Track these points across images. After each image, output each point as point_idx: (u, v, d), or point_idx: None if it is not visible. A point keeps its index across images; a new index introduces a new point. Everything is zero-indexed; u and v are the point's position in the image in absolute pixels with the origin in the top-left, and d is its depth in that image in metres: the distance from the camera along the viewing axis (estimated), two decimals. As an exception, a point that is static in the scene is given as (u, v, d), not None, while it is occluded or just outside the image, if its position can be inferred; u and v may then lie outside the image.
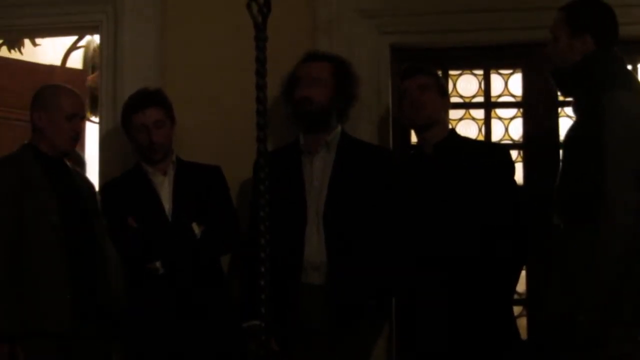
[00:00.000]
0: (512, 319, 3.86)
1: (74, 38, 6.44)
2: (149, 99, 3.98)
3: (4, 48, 6.14)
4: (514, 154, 4.25)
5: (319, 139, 3.89)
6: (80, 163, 4.83)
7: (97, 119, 5.06)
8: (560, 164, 3.54)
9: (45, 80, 4.85)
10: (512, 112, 4.55)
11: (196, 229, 3.87)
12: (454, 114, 4.41)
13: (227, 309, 3.91)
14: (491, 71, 4.50)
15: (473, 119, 4.57)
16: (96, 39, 5.50)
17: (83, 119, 3.92)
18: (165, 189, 3.95)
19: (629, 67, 4.35)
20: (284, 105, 3.98)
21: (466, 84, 4.55)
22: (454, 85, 4.53)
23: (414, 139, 4.36)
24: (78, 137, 3.89)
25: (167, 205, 3.92)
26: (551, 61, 3.60)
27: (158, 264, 3.81)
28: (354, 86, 3.98)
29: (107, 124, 4.45)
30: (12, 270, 3.63)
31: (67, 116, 3.81)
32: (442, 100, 3.88)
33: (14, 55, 6.16)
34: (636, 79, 3.57)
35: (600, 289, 3.20)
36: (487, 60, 4.46)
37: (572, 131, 3.51)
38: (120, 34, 4.43)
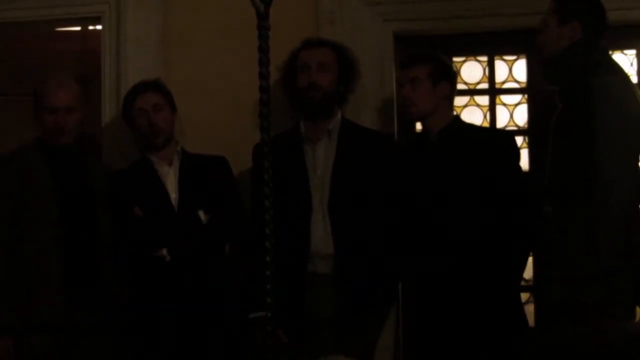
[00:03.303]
0: (520, 305, 3.85)
1: (76, 29, 6.43)
2: (146, 85, 4.02)
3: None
4: (519, 140, 4.23)
5: (320, 126, 3.87)
6: None
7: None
8: (549, 151, 3.56)
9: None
10: (517, 98, 4.54)
11: (202, 216, 3.87)
12: (458, 100, 4.40)
13: (234, 297, 3.90)
14: (495, 57, 4.50)
15: (478, 105, 4.56)
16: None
17: (71, 111, 3.86)
18: (170, 178, 3.95)
19: (633, 51, 4.38)
20: (284, 92, 3.95)
21: (470, 71, 4.54)
22: (458, 71, 4.52)
23: (419, 127, 4.35)
24: (62, 130, 3.84)
25: (173, 194, 3.92)
26: (542, 51, 3.64)
27: (164, 251, 3.82)
28: (356, 72, 3.97)
29: (110, 114, 4.45)
30: (10, 264, 3.67)
31: (47, 109, 3.83)
32: (436, 89, 3.80)
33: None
34: (620, 66, 3.61)
35: (599, 271, 3.22)
36: (491, 46, 4.46)
37: (558, 118, 3.53)
38: (123, 25, 4.43)
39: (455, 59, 4.50)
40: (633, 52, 4.40)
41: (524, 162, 4.16)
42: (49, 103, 3.84)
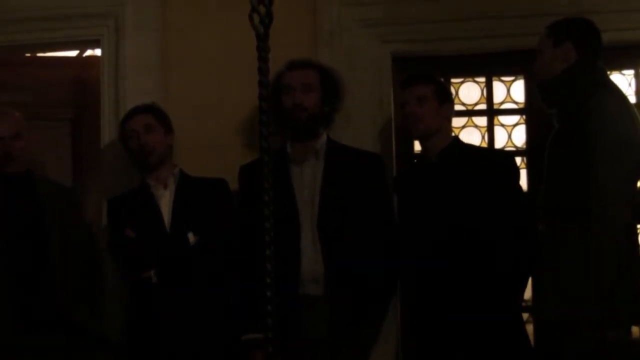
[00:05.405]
0: (522, 324, 3.84)
1: (75, 52, 6.44)
2: (138, 108, 4.06)
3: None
4: (517, 160, 4.24)
5: (307, 147, 3.87)
6: None
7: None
8: (545, 170, 3.56)
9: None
10: (515, 118, 4.55)
11: (191, 238, 3.86)
12: (456, 121, 4.41)
13: (226, 319, 3.88)
14: (493, 78, 4.51)
15: (476, 126, 4.57)
16: (97, 52, 5.51)
17: (16, 138, 3.98)
18: (165, 201, 3.96)
19: (631, 71, 4.39)
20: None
21: (468, 92, 4.55)
22: (456, 92, 4.53)
23: (417, 147, 4.36)
24: (11, 158, 3.96)
25: (167, 217, 3.93)
26: (537, 76, 3.66)
27: (152, 273, 3.82)
28: (341, 92, 3.96)
29: (109, 137, 4.44)
30: None
31: None
32: (442, 109, 3.84)
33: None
34: (618, 86, 3.62)
35: (595, 289, 3.22)
36: (488, 67, 4.47)
37: (555, 138, 3.53)
38: (122, 48, 4.44)
39: (453, 80, 4.52)
40: (631, 72, 4.41)
41: (523, 183, 4.17)
42: None
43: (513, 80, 4.53)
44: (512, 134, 4.56)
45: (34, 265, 3.88)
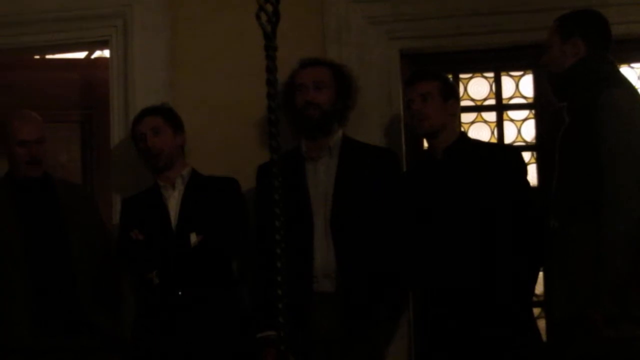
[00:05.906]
0: (533, 321, 3.84)
1: (84, 53, 6.45)
2: (147, 110, 4.06)
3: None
4: (526, 155, 4.24)
5: (321, 144, 3.87)
6: None
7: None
8: (556, 166, 3.56)
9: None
10: (524, 113, 4.54)
11: (193, 238, 3.86)
12: (465, 117, 4.41)
13: (237, 317, 3.89)
14: (502, 73, 4.50)
15: (485, 121, 4.56)
16: (106, 53, 5.52)
17: (41, 142, 3.99)
18: (173, 202, 3.97)
19: (636, 65, 4.38)
20: (284, 113, 3.94)
21: (477, 87, 4.54)
22: (465, 88, 4.53)
23: (426, 144, 4.35)
24: (37, 161, 3.97)
25: (174, 218, 3.94)
26: (547, 69, 3.65)
27: (154, 274, 3.83)
28: (354, 89, 3.97)
29: (118, 136, 4.46)
30: None
31: (18, 142, 3.95)
32: (447, 105, 3.82)
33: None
34: (628, 79, 3.61)
35: (607, 285, 3.22)
36: (497, 62, 4.46)
37: (566, 132, 3.53)
38: (130, 48, 4.45)
39: (462, 76, 4.51)
40: (640, 65, 4.41)
41: (532, 177, 4.16)
42: (21, 136, 3.95)
43: (522, 75, 4.52)
44: (522, 129, 4.54)
45: (55, 268, 3.89)
